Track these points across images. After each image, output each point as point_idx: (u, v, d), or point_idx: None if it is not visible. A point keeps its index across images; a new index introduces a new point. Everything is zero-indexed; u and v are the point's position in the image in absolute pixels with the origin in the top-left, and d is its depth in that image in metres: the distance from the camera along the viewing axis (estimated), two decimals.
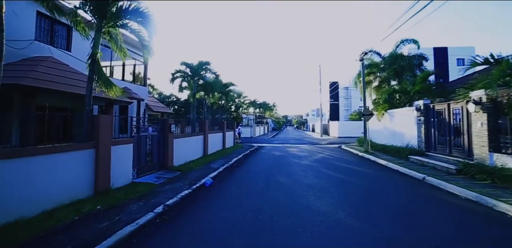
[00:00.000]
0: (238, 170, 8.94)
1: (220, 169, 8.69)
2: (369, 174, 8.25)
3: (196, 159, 10.69)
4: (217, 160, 10.88)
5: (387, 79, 16.61)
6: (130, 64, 13.41)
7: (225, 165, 9.52)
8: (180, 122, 10.20)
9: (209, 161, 10.50)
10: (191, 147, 10.42)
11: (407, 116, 12.08)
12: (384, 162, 10.42)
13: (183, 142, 9.58)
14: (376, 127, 15.35)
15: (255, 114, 47.29)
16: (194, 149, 10.73)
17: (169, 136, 8.31)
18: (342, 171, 8.60)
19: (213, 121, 15.57)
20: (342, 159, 11.86)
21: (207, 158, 11.05)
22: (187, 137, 9.99)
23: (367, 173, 8.42)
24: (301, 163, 10.09)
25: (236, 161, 10.89)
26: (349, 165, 9.97)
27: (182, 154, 9.44)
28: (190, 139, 10.35)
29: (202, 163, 9.83)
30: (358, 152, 14.33)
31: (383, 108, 14.50)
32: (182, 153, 9.38)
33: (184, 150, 9.65)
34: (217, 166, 9.38)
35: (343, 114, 59.98)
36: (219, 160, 10.93)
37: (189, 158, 10.05)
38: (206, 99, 18.58)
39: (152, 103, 15.07)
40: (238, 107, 37.00)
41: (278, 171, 8.55)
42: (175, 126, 8.57)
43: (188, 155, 10.05)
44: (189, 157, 10.06)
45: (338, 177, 7.60)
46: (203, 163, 9.86)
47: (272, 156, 12.75)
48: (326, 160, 11.21)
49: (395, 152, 12.00)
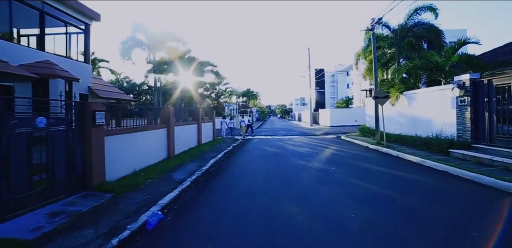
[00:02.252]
0: (214, 184, 5.64)
1: (185, 184, 5.34)
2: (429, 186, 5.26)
3: (154, 164, 7.23)
4: (186, 164, 7.49)
5: (397, 56, 13.71)
6: (61, 32, 9.29)
7: (195, 175, 6.17)
8: (122, 110, 6.63)
9: (173, 166, 7.09)
10: (145, 146, 6.92)
11: (438, 98, 9.27)
12: (415, 159, 7.64)
13: (126, 141, 6.06)
14: (387, 113, 12.52)
15: (238, 103, 43.71)
16: (150, 149, 7.24)
17: (93, 131, 4.77)
18: (382, 181, 5.55)
19: (186, 110, 11.96)
20: (357, 155, 8.92)
21: (172, 162, 7.62)
22: (135, 133, 6.45)
23: (424, 184, 5.43)
24: (310, 167, 6.90)
25: (213, 165, 7.58)
26: (377, 166, 6.98)
27: (126, 160, 5.96)
28: (142, 135, 6.83)
29: (160, 171, 6.41)
30: (367, 144, 11.53)
31: (398, 90, 11.64)
32: (125, 158, 5.90)
33: (130, 153, 6.16)
34: (182, 176, 6.02)
35: (329, 102, 57.96)
36: (189, 164, 7.54)
37: (141, 164, 6.59)
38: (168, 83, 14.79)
39: (99, 86, 11.14)
40: (219, 95, 33.17)
41: (283, 187, 5.20)
42: (105, 115, 5.01)
43: (139, 160, 6.56)
44: (141, 163, 6.60)
45: (407, 206, 4.53)
46: (162, 171, 6.45)
47: (264, 154, 9.51)
48: (340, 159, 8.19)
49: (422, 144, 9.24)
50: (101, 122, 4.92)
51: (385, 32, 13.89)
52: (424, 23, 12.32)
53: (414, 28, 12.88)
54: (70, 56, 9.33)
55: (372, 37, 11.61)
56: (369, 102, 16.00)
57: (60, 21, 8.53)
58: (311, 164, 7.04)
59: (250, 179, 5.70)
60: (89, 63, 10.38)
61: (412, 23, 13.02)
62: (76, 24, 9.25)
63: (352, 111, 29.30)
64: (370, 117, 15.66)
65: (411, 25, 12.99)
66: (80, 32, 9.68)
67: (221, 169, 7.08)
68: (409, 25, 13.27)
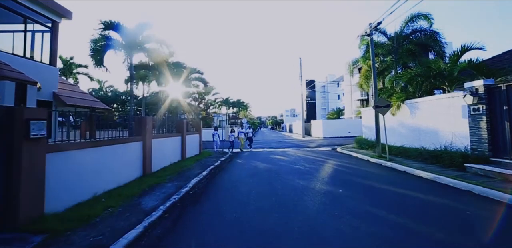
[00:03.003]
0: (193, 216, 4.36)
1: (156, 214, 4.05)
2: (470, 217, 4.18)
3: (123, 185, 5.89)
4: (163, 185, 6.18)
5: (394, 64, 13.16)
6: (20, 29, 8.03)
7: (171, 200, 4.89)
8: (93, 119, 5.38)
9: (147, 188, 5.78)
10: (111, 163, 5.62)
11: (446, 107, 8.50)
12: (427, 175, 6.73)
13: (85, 157, 4.77)
14: (387, 123, 11.74)
15: (228, 114, 42.59)
16: (119, 166, 5.92)
17: (24, 147, 3.50)
18: (406, 210, 4.44)
19: (169, 120, 10.71)
20: (361, 172, 7.86)
21: (146, 182, 6.29)
22: (99, 147, 5.16)
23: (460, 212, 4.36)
24: (313, 189, 5.68)
25: (195, 186, 6.30)
26: (389, 185, 5.89)
27: (83, 182, 4.64)
28: (109, 150, 5.54)
29: (128, 195, 5.10)
30: (368, 157, 10.58)
31: (399, 99, 10.90)
32: (81, 180, 4.58)
33: (89, 173, 4.84)
34: (154, 202, 4.73)
35: (320, 113, 57.77)
36: (166, 184, 6.23)
37: (105, 186, 5.25)
38: (153, 92, 13.41)
39: (68, 93, 9.78)
40: (208, 106, 31.96)
41: (282, 221, 3.88)
42: (46, 125, 3.75)
43: (103, 181, 5.24)
44: (104, 184, 5.26)
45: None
46: (130, 195, 5.13)
47: (256, 171, 8.29)
48: (343, 177, 7.09)
49: (430, 157, 8.35)
50: (39, 134, 3.66)
51: (382, 39, 13.42)
52: (424, 29, 11.89)
53: (411, 35, 12.44)
54: (32, 57, 8.05)
55: (371, 42, 11.00)
56: (366, 112, 15.27)
57: (19, 16, 7.34)
58: (312, 184, 5.86)
59: (238, 208, 4.46)
60: (55, 66, 9.08)
61: (409, 30, 12.61)
62: (41, 21, 8.07)
63: (345, 122, 28.71)
64: (368, 128, 14.86)
65: (408, 33, 12.56)
66: (46, 31, 8.47)
67: (205, 192, 5.81)
68: (405, 32, 12.87)
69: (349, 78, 41.46)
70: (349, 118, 37.89)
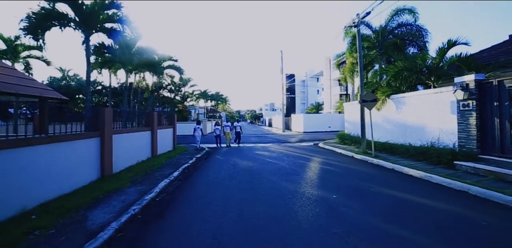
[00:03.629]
0: (155, 236, 3.44)
1: (102, 238, 3.07)
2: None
3: (71, 192, 4.77)
4: (123, 190, 5.13)
5: (379, 58, 12.83)
6: None
7: (128, 213, 3.90)
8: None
9: (101, 195, 4.71)
10: (51, 166, 4.46)
11: (434, 102, 8.20)
12: (418, 174, 6.36)
13: (11, 161, 3.61)
14: (372, 119, 11.47)
15: (206, 107, 41.04)
16: (64, 170, 4.77)
17: None
18: (412, 221, 3.85)
19: (137, 113, 9.42)
20: (349, 170, 7.34)
21: (102, 187, 5.19)
22: (33, 146, 3.99)
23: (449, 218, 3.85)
24: (302, 194, 4.97)
25: (163, 191, 5.34)
26: (381, 187, 5.35)
27: (4, 192, 3.49)
28: (50, 149, 4.37)
29: (73, 206, 4.03)
30: (352, 153, 10.20)
31: (384, 93, 10.56)
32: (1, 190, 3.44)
33: (20, 179, 3.70)
34: (105, 216, 3.72)
35: (300, 108, 57.97)
36: (128, 189, 5.19)
37: (43, 195, 4.12)
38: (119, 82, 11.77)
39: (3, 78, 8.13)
40: (185, 98, 30.25)
41: (269, 245, 3.19)
42: None
43: (34, 190, 4.10)
44: (42, 193, 4.13)
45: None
46: (76, 206, 4.07)
47: (236, 171, 7.42)
48: (333, 178, 6.50)
49: (417, 154, 8.07)
50: None
51: (367, 32, 12.98)
52: (409, 24, 11.57)
53: (397, 29, 12.12)
54: None
55: (358, 34, 10.44)
56: (349, 106, 14.96)
57: None
58: (301, 188, 5.14)
59: (214, 223, 3.60)
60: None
61: (394, 24, 12.27)
62: None
63: (326, 117, 28.70)
64: (350, 123, 14.59)
65: (393, 26, 12.22)
66: None
67: (174, 199, 4.87)
68: (391, 26, 12.52)
69: (328, 73, 41.64)
70: (328, 112, 38.17)
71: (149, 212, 4.16)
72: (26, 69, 14.90)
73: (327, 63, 41.33)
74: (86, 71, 8.00)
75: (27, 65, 14.65)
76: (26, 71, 14.89)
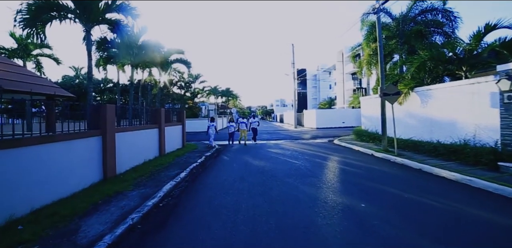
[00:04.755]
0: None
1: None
2: None
3: (70, 196, 4.38)
4: (125, 194, 4.70)
5: (399, 48, 11.82)
6: None
7: (126, 222, 3.43)
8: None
9: (100, 199, 4.30)
10: (44, 169, 4.08)
11: (468, 94, 7.30)
12: (453, 176, 5.63)
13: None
14: (391, 114, 10.62)
15: (217, 103, 40.75)
16: (61, 172, 4.38)
17: None
18: None
19: (144, 110, 9.04)
20: (373, 171, 6.64)
21: (102, 190, 4.79)
22: (13, 149, 3.59)
23: None
24: (325, 204, 4.36)
25: (168, 195, 4.88)
26: (420, 194, 4.65)
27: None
28: (37, 152, 3.98)
29: (63, 216, 3.62)
30: (372, 151, 9.46)
31: (407, 86, 9.66)
32: None
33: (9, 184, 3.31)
34: (98, 228, 3.27)
35: (311, 103, 56.68)
36: (130, 193, 4.76)
37: (29, 204, 3.74)
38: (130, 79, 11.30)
39: (8, 75, 7.87)
40: (195, 94, 29.97)
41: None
42: None
43: (25, 196, 3.72)
44: (30, 200, 3.75)
45: None
46: (67, 215, 3.65)
47: (247, 172, 6.86)
48: (357, 180, 5.83)
49: (448, 153, 7.24)
50: None
51: (386, 20, 11.99)
52: (435, 8, 10.48)
53: (420, 15, 11.05)
54: None
55: (378, 21, 9.53)
56: (366, 101, 14.07)
57: None
58: (322, 194, 4.50)
59: (221, 238, 3.08)
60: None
61: (417, 10, 11.20)
62: None
63: (339, 112, 27.66)
64: (368, 118, 13.72)
65: (416, 13, 11.16)
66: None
67: (178, 204, 4.39)
68: (413, 13, 11.46)
69: (341, 66, 40.15)
70: (341, 108, 36.95)
71: (150, 220, 3.70)
72: (38, 68, 14.92)
73: (339, 56, 39.86)
74: (88, 66, 7.64)
75: (38, 63, 14.67)
76: (38, 69, 14.93)
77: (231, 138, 13.34)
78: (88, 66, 7.56)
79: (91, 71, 7.71)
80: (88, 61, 7.63)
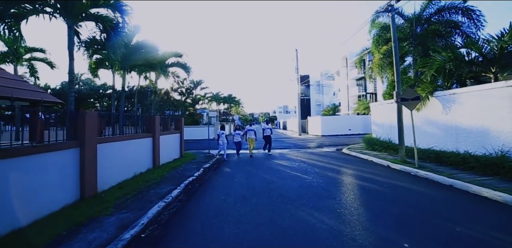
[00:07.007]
0: None
1: None
2: None
3: (27, 226, 3.49)
4: (100, 220, 3.80)
5: (413, 50, 11.03)
6: None
7: None
8: None
9: (64, 232, 3.40)
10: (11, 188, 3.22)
11: (503, 98, 6.39)
12: (499, 197, 4.64)
13: None
14: (408, 121, 9.69)
15: (219, 110, 40.07)
16: (22, 194, 3.51)
17: None
18: None
19: (136, 117, 8.23)
20: (397, 188, 5.68)
21: (73, 216, 3.90)
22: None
23: None
24: (354, 241, 3.52)
25: (152, 223, 3.96)
26: (468, 226, 3.70)
27: None
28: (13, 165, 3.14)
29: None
30: (388, 162, 8.52)
31: (425, 90, 8.80)
32: None
33: None
34: None
35: (315, 109, 55.81)
36: (107, 220, 3.86)
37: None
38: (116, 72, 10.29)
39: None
40: (196, 101, 29.29)
41: None
42: None
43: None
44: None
45: None
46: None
47: (250, 192, 5.87)
48: (381, 204, 4.88)
49: (482, 166, 6.26)
50: None
51: (398, 20, 11.24)
52: (454, 6, 9.69)
53: (436, 15, 10.28)
54: None
55: (392, 20, 8.75)
56: (376, 107, 13.18)
57: None
58: (347, 226, 3.46)
59: None
60: None
61: (433, 9, 10.45)
62: None
63: (345, 119, 26.73)
64: (379, 126, 12.79)
65: (432, 12, 10.41)
66: None
67: (164, 236, 3.48)
68: (428, 13, 10.72)
69: (345, 72, 39.48)
70: (345, 114, 36.02)
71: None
72: (31, 73, 14.32)
73: (343, 62, 39.27)
74: (69, 68, 6.84)
75: (31, 68, 14.06)
76: (31, 74, 14.34)
77: (238, 148, 11.83)
78: (70, 68, 6.80)
79: (72, 73, 6.92)
80: (70, 61, 6.86)
